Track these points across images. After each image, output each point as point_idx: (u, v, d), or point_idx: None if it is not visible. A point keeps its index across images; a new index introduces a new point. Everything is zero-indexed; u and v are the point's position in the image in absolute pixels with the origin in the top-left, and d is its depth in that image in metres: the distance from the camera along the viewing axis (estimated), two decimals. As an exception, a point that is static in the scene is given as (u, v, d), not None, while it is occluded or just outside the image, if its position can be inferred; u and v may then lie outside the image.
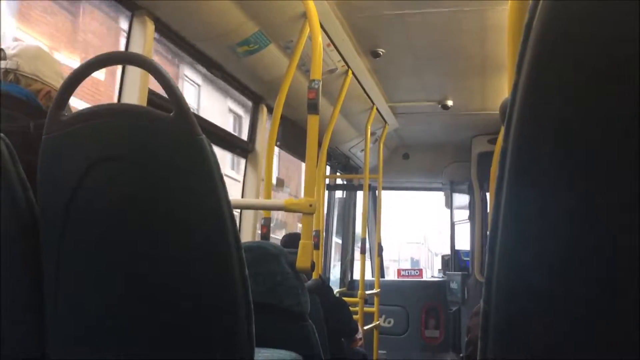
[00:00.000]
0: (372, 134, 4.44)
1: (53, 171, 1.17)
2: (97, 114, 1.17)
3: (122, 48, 3.34)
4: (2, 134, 1.18)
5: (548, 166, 0.55)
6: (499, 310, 0.62)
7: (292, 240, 3.08)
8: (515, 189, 0.58)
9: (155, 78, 1.16)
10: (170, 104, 1.12)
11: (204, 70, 2.75)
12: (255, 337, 1.17)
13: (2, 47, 1.67)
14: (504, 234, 0.60)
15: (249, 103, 3.48)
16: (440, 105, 4.45)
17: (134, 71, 2.27)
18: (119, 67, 2.50)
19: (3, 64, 1.63)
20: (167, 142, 1.11)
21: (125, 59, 1.62)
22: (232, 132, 3.30)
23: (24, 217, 1.17)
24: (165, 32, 2.51)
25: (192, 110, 1.15)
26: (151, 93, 2.35)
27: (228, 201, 1.13)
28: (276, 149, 3.46)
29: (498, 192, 0.61)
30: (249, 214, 3.32)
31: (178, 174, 1.11)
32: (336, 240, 5.74)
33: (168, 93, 1.13)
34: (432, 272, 8.70)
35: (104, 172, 1.13)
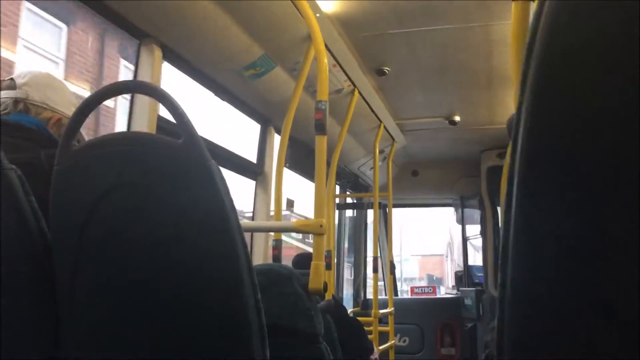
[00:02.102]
0: (381, 152, 4.45)
1: (65, 201, 1.18)
2: (107, 143, 1.18)
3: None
4: (14, 165, 1.19)
5: (556, 182, 0.55)
6: (512, 328, 0.61)
7: (303, 260, 3.07)
8: (524, 206, 0.58)
9: (165, 106, 1.17)
10: (179, 130, 1.13)
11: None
12: (269, 361, 1.17)
13: (12, 76, 1.68)
14: (515, 251, 0.60)
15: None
16: (447, 121, 4.46)
17: (143, 98, 2.29)
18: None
19: (13, 93, 1.63)
20: (177, 168, 1.12)
21: (134, 88, 1.63)
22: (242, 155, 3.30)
23: (36, 247, 1.18)
24: (172, 58, 2.54)
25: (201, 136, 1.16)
26: (160, 119, 2.37)
27: (239, 225, 1.13)
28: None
29: (508, 208, 0.61)
30: (260, 237, 3.32)
31: (188, 200, 1.12)
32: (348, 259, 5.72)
33: (177, 120, 1.15)
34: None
35: (115, 200, 1.14)
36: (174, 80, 2.67)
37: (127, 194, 1.14)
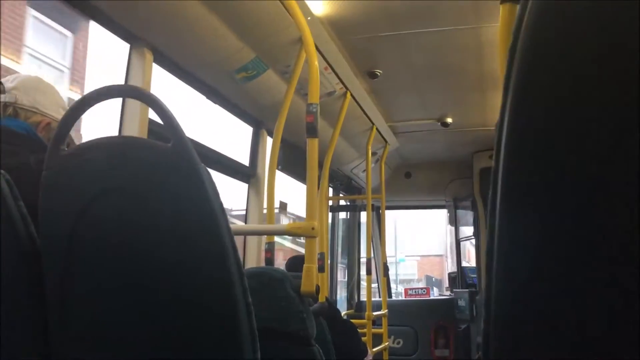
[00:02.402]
0: (373, 154, 4.46)
1: (54, 205, 1.18)
2: (96, 147, 1.18)
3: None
4: (2, 170, 1.19)
5: (538, 183, 0.55)
6: (498, 329, 0.62)
7: (296, 263, 3.07)
8: (507, 209, 0.58)
9: (154, 110, 1.17)
10: (168, 134, 1.13)
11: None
12: (261, 364, 1.17)
13: (1, 80, 1.67)
14: (499, 254, 0.60)
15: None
16: (440, 123, 4.47)
17: (134, 101, 2.29)
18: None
19: (2, 97, 1.62)
20: (166, 172, 1.12)
21: (124, 92, 1.63)
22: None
23: (26, 252, 1.18)
24: (163, 61, 2.54)
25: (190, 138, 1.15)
26: (151, 123, 2.37)
27: (228, 228, 1.13)
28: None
29: (492, 212, 0.61)
30: (253, 240, 3.32)
31: (178, 203, 1.12)
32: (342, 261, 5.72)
33: (166, 124, 1.15)
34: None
35: (104, 204, 1.13)
36: (165, 83, 2.67)
37: (116, 199, 1.13)
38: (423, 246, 24.24)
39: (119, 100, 2.34)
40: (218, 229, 1.10)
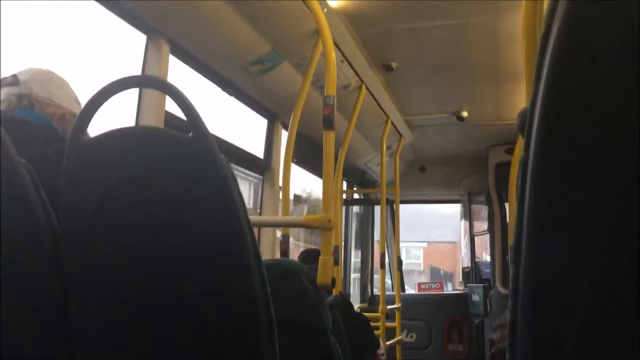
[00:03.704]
0: (388, 147, 4.44)
1: (75, 195, 1.18)
2: (117, 137, 1.18)
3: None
4: (22, 160, 1.20)
5: (571, 176, 0.54)
6: (526, 321, 0.61)
7: (310, 256, 3.08)
8: (538, 200, 0.58)
9: (174, 100, 1.17)
10: (188, 125, 1.13)
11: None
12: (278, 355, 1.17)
13: (14, 72, 1.68)
14: (528, 245, 0.60)
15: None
16: (455, 117, 4.45)
17: (150, 93, 2.30)
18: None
19: (16, 89, 1.63)
20: (187, 162, 1.12)
21: (143, 82, 1.63)
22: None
23: (47, 242, 1.18)
24: (179, 53, 2.54)
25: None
26: (167, 115, 2.37)
27: (248, 219, 1.13)
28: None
29: (520, 203, 0.60)
30: (267, 232, 3.32)
31: (197, 194, 1.12)
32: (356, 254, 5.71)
33: (186, 114, 1.15)
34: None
35: (124, 194, 1.14)
36: (180, 76, 2.67)
37: (136, 188, 1.14)
38: (432, 230, 18.58)
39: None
40: (238, 219, 1.10)
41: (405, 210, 6.11)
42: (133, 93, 2.34)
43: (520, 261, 0.60)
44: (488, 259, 5.46)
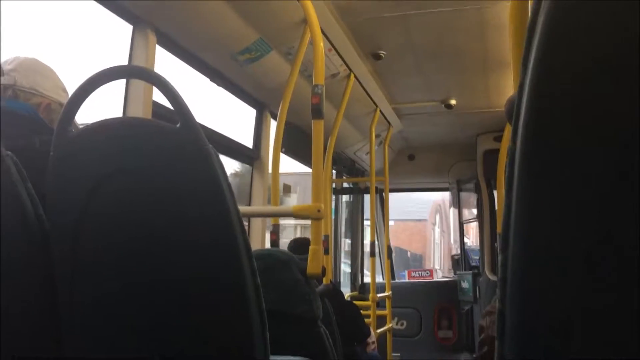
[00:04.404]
0: (377, 136, 4.44)
1: (62, 186, 1.17)
2: (104, 128, 1.17)
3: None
4: (9, 152, 1.18)
5: (559, 164, 0.54)
6: (514, 310, 0.61)
7: (299, 245, 3.08)
8: (526, 188, 0.58)
9: (161, 91, 1.16)
10: (176, 115, 1.12)
11: None
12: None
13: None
14: (516, 233, 0.60)
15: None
16: (443, 105, 4.45)
17: (138, 83, 2.28)
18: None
19: (1, 80, 1.60)
20: (175, 153, 1.12)
21: (131, 73, 1.62)
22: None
23: (34, 233, 1.17)
24: (166, 43, 2.52)
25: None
26: (155, 105, 2.35)
27: (237, 209, 1.13)
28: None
29: (508, 191, 0.60)
30: (257, 222, 3.32)
31: (186, 184, 1.12)
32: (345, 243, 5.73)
33: (174, 105, 1.14)
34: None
35: (112, 185, 1.13)
36: (167, 66, 2.65)
37: (125, 180, 1.13)
38: (399, 207, 14.89)
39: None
40: (227, 210, 1.10)
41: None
42: (120, 83, 2.32)
43: (509, 249, 0.61)
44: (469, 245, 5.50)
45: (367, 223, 5.60)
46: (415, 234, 17.44)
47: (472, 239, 6.31)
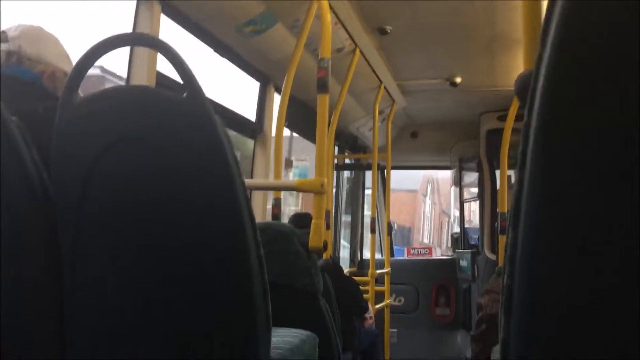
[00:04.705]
0: (380, 112, 4.42)
1: (67, 153, 1.17)
2: (111, 96, 1.16)
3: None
4: (13, 117, 1.18)
5: (575, 142, 0.54)
6: (522, 286, 0.61)
7: (300, 219, 3.09)
8: (539, 165, 0.57)
9: (168, 59, 1.15)
10: (182, 84, 1.11)
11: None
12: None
13: (3, 29, 1.64)
14: (527, 210, 0.59)
15: None
16: (448, 83, 4.41)
17: (142, 53, 2.25)
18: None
19: (5, 46, 1.60)
20: (181, 122, 1.11)
21: (136, 40, 1.60)
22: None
23: (38, 199, 1.17)
24: (171, 13, 2.49)
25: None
26: (159, 75, 2.34)
27: (242, 181, 1.13)
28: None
29: (521, 167, 0.60)
30: (258, 195, 3.32)
31: (191, 154, 1.11)
32: (345, 219, 5.73)
33: (181, 74, 1.13)
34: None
35: (118, 153, 1.13)
36: (171, 39, 2.63)
37: (130, 148, 1.13)
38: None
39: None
40: (232, 180, 1.10)
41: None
42: (124, 53, 2.30)
43: (520, 225, 0.60)
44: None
45: (367, 200, 5.61)
46: (405, 205, 16.73)
47: (467, 217, 6.32)
